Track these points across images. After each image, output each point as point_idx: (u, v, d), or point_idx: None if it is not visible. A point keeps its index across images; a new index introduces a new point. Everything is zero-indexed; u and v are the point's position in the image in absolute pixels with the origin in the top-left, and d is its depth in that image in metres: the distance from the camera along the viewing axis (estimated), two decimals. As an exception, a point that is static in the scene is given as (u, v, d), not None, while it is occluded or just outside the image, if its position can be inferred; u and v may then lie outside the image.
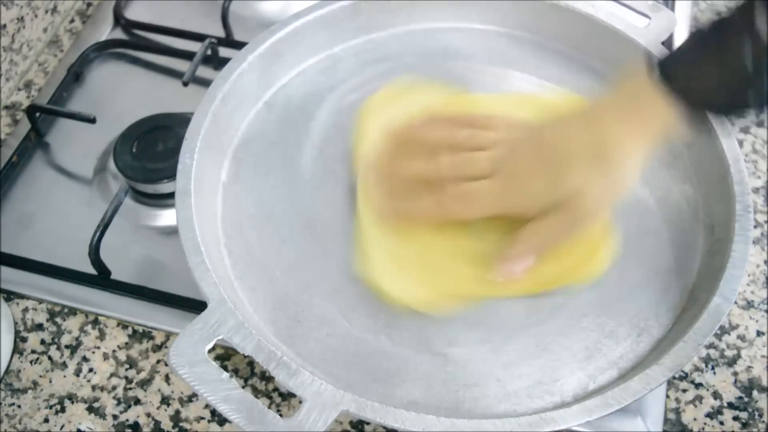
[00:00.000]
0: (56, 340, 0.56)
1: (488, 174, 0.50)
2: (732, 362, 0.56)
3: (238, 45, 0.67)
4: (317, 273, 0.54)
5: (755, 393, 0.55)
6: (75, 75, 0.70)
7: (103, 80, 0.71)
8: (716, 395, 0.55)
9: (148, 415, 0.53)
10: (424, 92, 0.61)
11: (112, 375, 0.55)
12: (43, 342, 0.56)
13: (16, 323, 0.57)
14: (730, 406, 0.54)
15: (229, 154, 0.59)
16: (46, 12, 0.73)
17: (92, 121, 0.64)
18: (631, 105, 0.48)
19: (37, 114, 0.66)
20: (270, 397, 0.54)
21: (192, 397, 0.54)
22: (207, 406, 0.53)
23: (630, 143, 0.48)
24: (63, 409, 0.54)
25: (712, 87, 0.46)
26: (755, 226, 0.57)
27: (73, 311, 0.58)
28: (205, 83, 0.59)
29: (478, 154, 0.51)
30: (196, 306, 0.55)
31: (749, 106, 0.46)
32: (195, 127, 0.55)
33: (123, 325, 0.57)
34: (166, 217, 0.62)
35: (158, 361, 0.56)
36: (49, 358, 0.56)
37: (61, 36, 0.75)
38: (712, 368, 0.56)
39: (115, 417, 0.53)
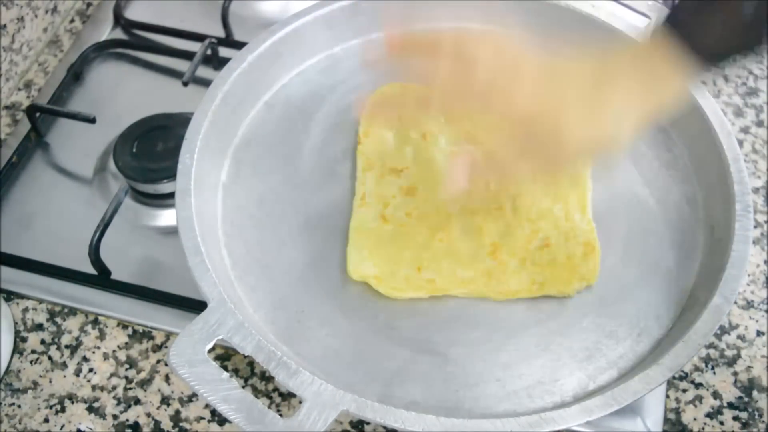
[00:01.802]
0: (56, 340, 0.56)
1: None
2: (732, 362, 0.56)
3: (238, 45, 0.67)
4: (317, 273, 0.54)
5: (755, 393, 0.55)
6: (75, 75, 0.70)
7: (103, 80, 0.71)
8: (716, 395, 0.55)
9: (148, 415, 0.53)
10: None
11: (112, 375, 0.55)
12: (43, 342, 0.56)
13: (16, 323, 0.57)
14: (730, 406, 0.54)
15: (229, 154, 0.59)
16: (46, 12, 0.73)
17: (92, 121, 0.64)
18: (640, 58, 0.47)
19: (37, 114, 0.66)
20: (270, 397, 0.54)
21: (192, 397, 0.54)
22: (207, 406, 0.53)
23: (631, 96, 0.47)
24: (63, 409, 0.54)
25: (716, 35, 0.46)
26: (755, 226, 0.57)
27: (73, 311, 0.58)
28: (205, 83, 0.59)
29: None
30: (196, 306, 0.55)
31: (752, 50, 0.46)
32: (195, 127, 0.55)
33: (123, 325, 0.57)
34: (166, 217, 0.62)
35: (158, 361, 0.56)
36: (49, 358, 0.56)
37: (61, 36, 0.75)
38: (712, 368, 0.56)
39: (115, 417, 0.53)
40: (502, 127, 0.49)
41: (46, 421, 0.53)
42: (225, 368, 0.52)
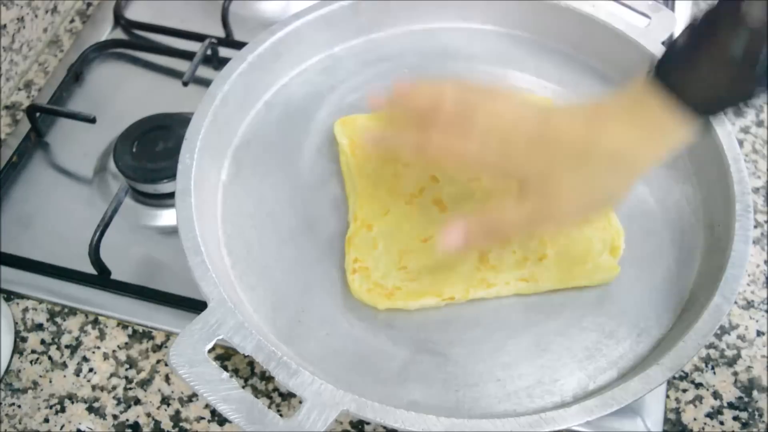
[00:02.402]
0: (56, 340, 0.56)
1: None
2: (732, 362, 0.56)
3: (238, 45, 0.67)
4: (317, 273, 0.54)
5: (755, 393, 0.55)
6: (75, 75, 0.70)
7: (103, 80, 0.71)
8: (716, 395, 0.55)
9: (148, 415, 0.53)
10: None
11: (112, 375, 0.55)
12: (43, 342, 0.56)
13: (16, 323, 0.57)
14: (730, 406, 0.54)
15: (229, 154, 0.59)
16: (46, 12, 0.73)
17: (92, 121, 0.64)
18: (631, 108, 0.45)
19: (37, 114, 0.66)
20: (270, 397, 0.54)
21: (192, 397, 0.54)
22: (207, 406, 0.53)
23: (629, 150, 0.45)
24: (63, 409, 0.54)
25: (708, 82, 0.43)
26: (755, 226, 0.57)
27: (73, 311, 0.58)
28: (205, 83, 0.59)
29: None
30: (196, 306, 0.55)
31: (746, 98, 0.43)
32: (195, 127, 0.55)
33: (123, 325, 0.57)
34: (166, 217, 0.62)
35: (158, 361, 0.56)
36: (49, 358, 0.56)
37: (61, 36, 0.75)
38: (712, 368, 0.56)
39: (115, 417, 0.53)
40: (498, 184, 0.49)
41: (46, 421, 0.53)
42: (225, 368, 0.52)
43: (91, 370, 0.55)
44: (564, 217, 0.48)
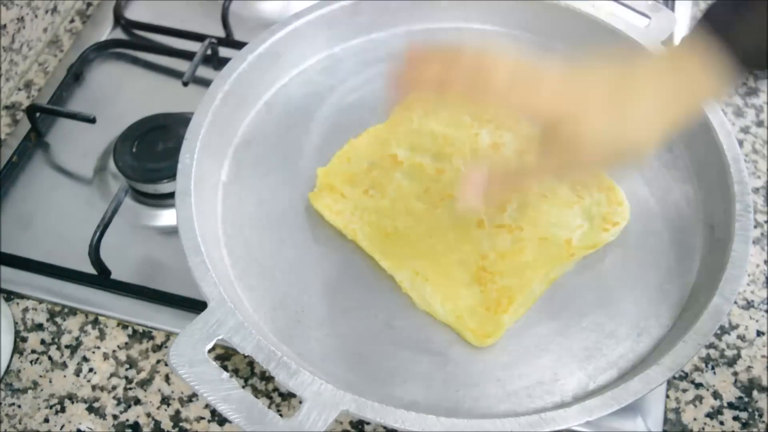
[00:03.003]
0: (56, 340, 0.56)
1: None
2: (732, 362, 0.56)
3: (238, 45, 0.67)
4: (317, 273, 0.54)
5: (755, 393, 0.55)
6: (75, 75, 0.70)
7: (103, 80, 0.71)
8: (716, 395, 0.55)
9: (148, 415, 0.53)
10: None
11: (112, 375, 0.55)
12: (43, 342, 0.56)
13: (16, 323, 0.57)
14: (730, 406, 0.54)
15: (229, 154, 0.59)
16: (46, 12, 0.73)
17: (92, 121, 0.64)
18: (671, 58, 0.45)
19: (37, 114, 0.66)
20: (270, 397, 0.54)
21: (192, 397, 0.54)
22: (207, 406, 0.53)
23: (663, 97, 0.44)
24: (63, 409, 0.54)
25: (759, 33, 0.41)
26: (755, 226, 0.57)
27: (73, 311, 0.58)
28: (205, 83, 0.59)
29: None
30: (196, 306, 0.55)
31: None
32: (195, 127, 0.55)
33: (123, 325, 0.57)
34: (166, 217, 0.62)
35: (158, 361, 0.56)
36: (49, 358, 0.56)
37: (61, 36, 0.75)
38: (712, 368, 0.56)
39: (115, 417, 0.53)
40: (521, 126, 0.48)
41: (46, 421, 0.53)
42: (225, 368, 0.52)
43: (91, 370, 0.55)
44: (587, 164, 0.46)
